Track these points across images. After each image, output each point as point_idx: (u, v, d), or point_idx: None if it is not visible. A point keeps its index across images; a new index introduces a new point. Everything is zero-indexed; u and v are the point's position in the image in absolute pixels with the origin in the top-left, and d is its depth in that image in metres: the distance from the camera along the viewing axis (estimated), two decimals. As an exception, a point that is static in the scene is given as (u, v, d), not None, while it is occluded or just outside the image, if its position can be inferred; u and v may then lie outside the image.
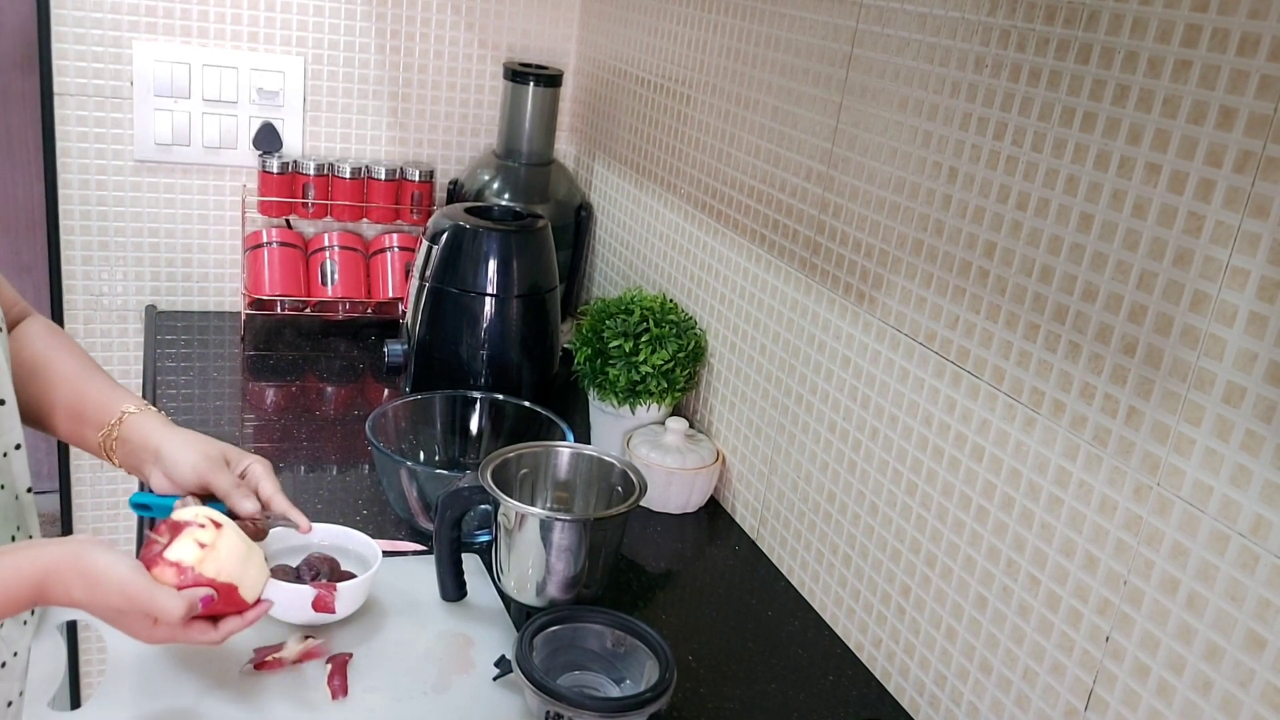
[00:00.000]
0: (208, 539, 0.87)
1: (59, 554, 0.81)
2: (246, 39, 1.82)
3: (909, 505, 1.11)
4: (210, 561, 0.87)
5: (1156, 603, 0.83)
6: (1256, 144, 0.75)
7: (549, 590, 1.09)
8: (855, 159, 1.19)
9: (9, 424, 0.93)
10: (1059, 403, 0.92)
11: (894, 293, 1.13)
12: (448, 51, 1.94)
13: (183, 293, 1.92)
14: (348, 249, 1.89)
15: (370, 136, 1.95)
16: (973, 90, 1.01)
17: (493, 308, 1.51)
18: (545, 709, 0.93)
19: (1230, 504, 0.77)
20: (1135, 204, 0.84)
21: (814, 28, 1.26)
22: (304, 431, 1.52)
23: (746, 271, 1.42)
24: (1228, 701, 0.77)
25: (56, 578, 0.81)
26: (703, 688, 1.10)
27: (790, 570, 1.32)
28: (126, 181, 1.83)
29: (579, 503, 1.20)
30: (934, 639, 1.07)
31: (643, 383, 1.44)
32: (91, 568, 0.81)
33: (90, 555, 0.82)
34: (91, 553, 0.82)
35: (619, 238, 1.85)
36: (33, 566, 0.80)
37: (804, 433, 1.29)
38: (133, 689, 0.96)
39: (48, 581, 0.81)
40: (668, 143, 1.64)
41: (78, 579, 0.81)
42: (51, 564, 0.81)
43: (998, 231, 0.98)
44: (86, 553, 0.82)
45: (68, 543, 0.83)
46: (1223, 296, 0.77)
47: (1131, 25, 0.84)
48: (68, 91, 1.76)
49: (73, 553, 0.81)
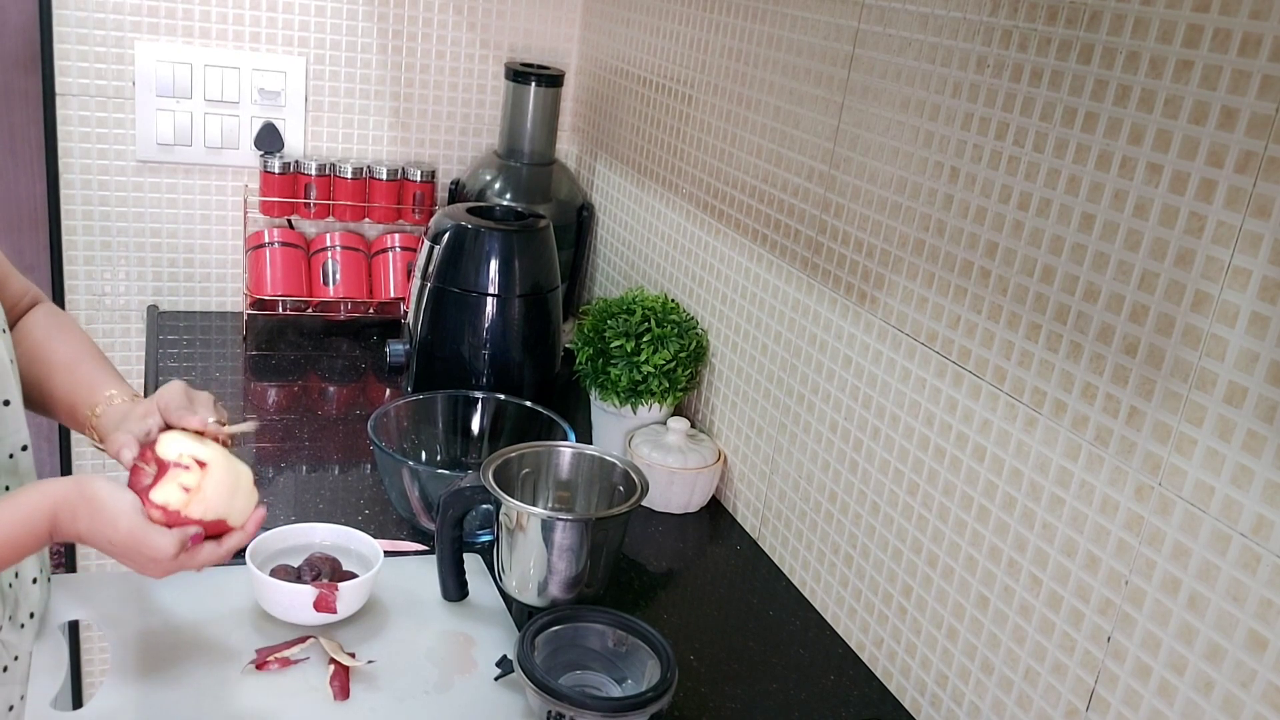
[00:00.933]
0: (191, 482, 0.87)
1: (65, 485, 0.86)
2: (248, 39, 1.82)
3: (910, 505, 1.11)
4: (196, 504, 0.88)
5: (1158, 603, 0.83)
6: (1258, 144, 0.75)
7: (550, 590, 1.09)
8: (857, 159, 1.19)
9: (14, 425, 0.93)
10: (1060, 403, 0.92)
11: (895, 293, 1.13)
12: (449, 52, 1.94)
13: (184, 293, 1.92)
14: (349, 249, 1.89)
15: (372, 136, 1.95)
16: (974, 90, 1.01)
17: (494, 308, 1.51)
18: (547, 709, 0.93)
19: (1232, 504, 0.77)
20: (1137, 204, 0.84)
21: (816, 28, 1.26)
22: (306, 431, 1.52)
23: (748, 271, 1.42)
24: (1229, 702, 0.77)
25: (66, 507, 0.85)
26: (704, 687, 1.10)
27: (791, 570, 1.32)
28: (128, 181, 1.83)
29: (580, 502, 1.20)
30: (935, 639, 1.07)
31: (644, 382, 1.44)
32: (95, 495, 0.85)
33: (94, 484, 0.86)
34: (95, 482, 0.86)
35: (620, 238, 1.85)
36: (43, 500, 0.84)
37: (805, 432, 1.29)
38: (134, 689, 0.96)
39: (58, 513, 0.84)
40: (669, 143, 1.65)
41: (83, 506, 0.85)
42: (60, 495, 0.85)
43: (999, 231, 0.98)
44: (90, 481, 0.86)
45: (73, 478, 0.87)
46: (1224, 297, 0.77)
47: (1133, 26, 0.84)
48: (70, 91, 1.76)
49: (78, 482, 0.86)
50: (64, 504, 0.84)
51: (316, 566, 1.08)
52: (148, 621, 1.04)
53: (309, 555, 1.11)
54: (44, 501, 0.84)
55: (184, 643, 1.02)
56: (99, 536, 0.85)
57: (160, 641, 1.02)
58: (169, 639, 1.02)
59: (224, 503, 0.89)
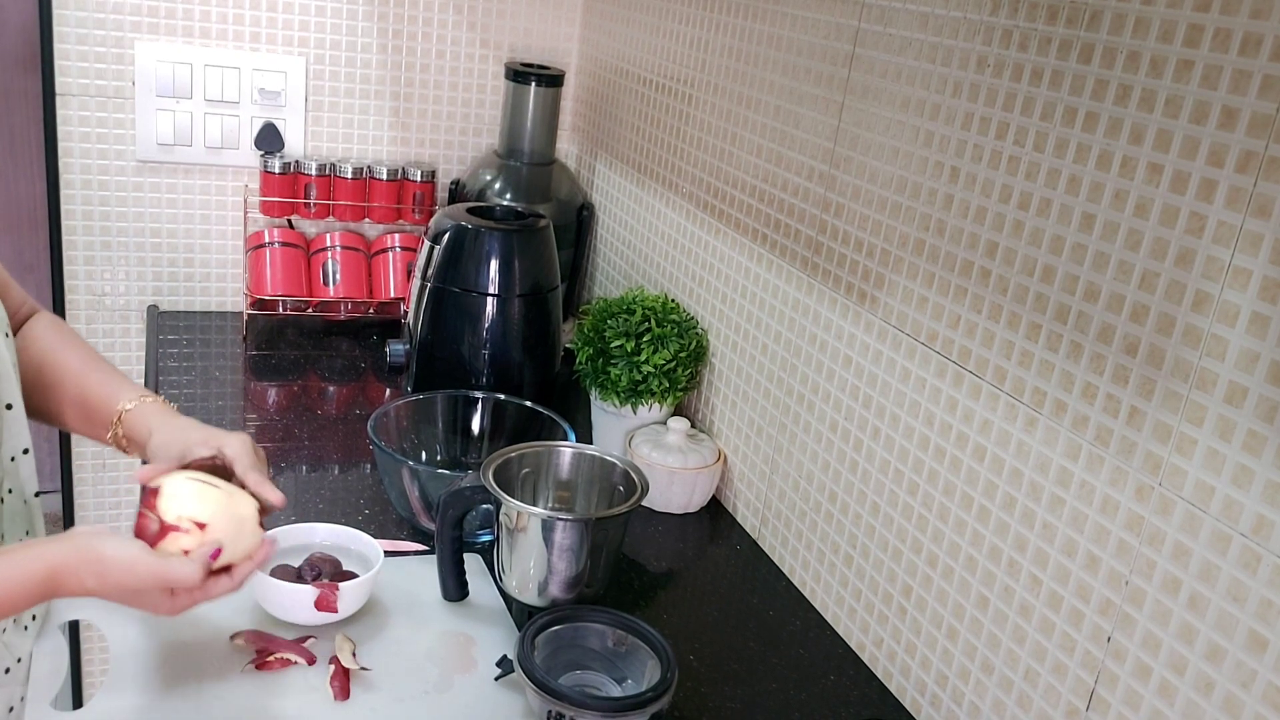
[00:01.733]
0: (191, 544, 0.87)
1: (64, 550, 0.83)
2: (248, 39, 1.82)
3: (910, 505, 1.11)
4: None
5: (1158, 603, 0.83)
6: (1259, 144, 0.75)
7: (551, 590, 1.09)
8: (857, 158, 1.19)
9: (16, 428, 0.93)
10: (1061, 403, 0.92)
11: (896, 292, 1.13)
12: (449, 51, 1.94)
13: (185, 293, 1.92)
14: (349, 249, 1.89)
15: (372, 136, 1.95)
16: (975, 90, 1.01)
17: (494, 307, 1.51)
18: (547, 709, 0.93)
19: (1232, 504, 0.77)
20: (1137, 204, 0.84)
21: (816, 27, 1.26)
22: (306, 431, 1.52)
23: (748, 271, 1.42)
24: (1230, 702, 0.77)
25: (67, 572, 0.82)
26: (704, 687, 1.10)
27: (791, 570, 1.32)
28: (129, 181, 1.83)
29: (580, 502, 1.20)
30: (935, 639, 1.07)
31: (644, 382, 1.44)
32: (98, 558, 0.83)
33: (96, 546, 0.83)
34: (96, 543, 0.83)
35: (621, 237, 1.85)
36: (38, 564, 0.81)
37: (805, 432, 1.29)
38: (134, 689, 0.96)
39: (58, 577, 0.82)
40: (670, 142, 1.64)
41: (88, 570, 0.83)
42: (58, 561, 0.82)
43: (1000, 231, 0.98)
44: (92, 545, 0.83)
45: (70, 537, 0.84)
46: (1225, 297, 0.77)
47: (1134, 25, 0.84)
48: (70, 91, 1.76)
49: (76, 547, 0.83)
50: (64, 569, 0.82)
51: (317, 566, 1.08)
52: (148, 621, 1.04)
53: (309, 555, 1.11)
54: (38, 565, 0.81)
55: (184, 643, 1.02)
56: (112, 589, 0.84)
57: (160, 641, 1.02)
58: (169, 639, 1.02)
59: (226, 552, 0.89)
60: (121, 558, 0.83)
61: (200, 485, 0.91)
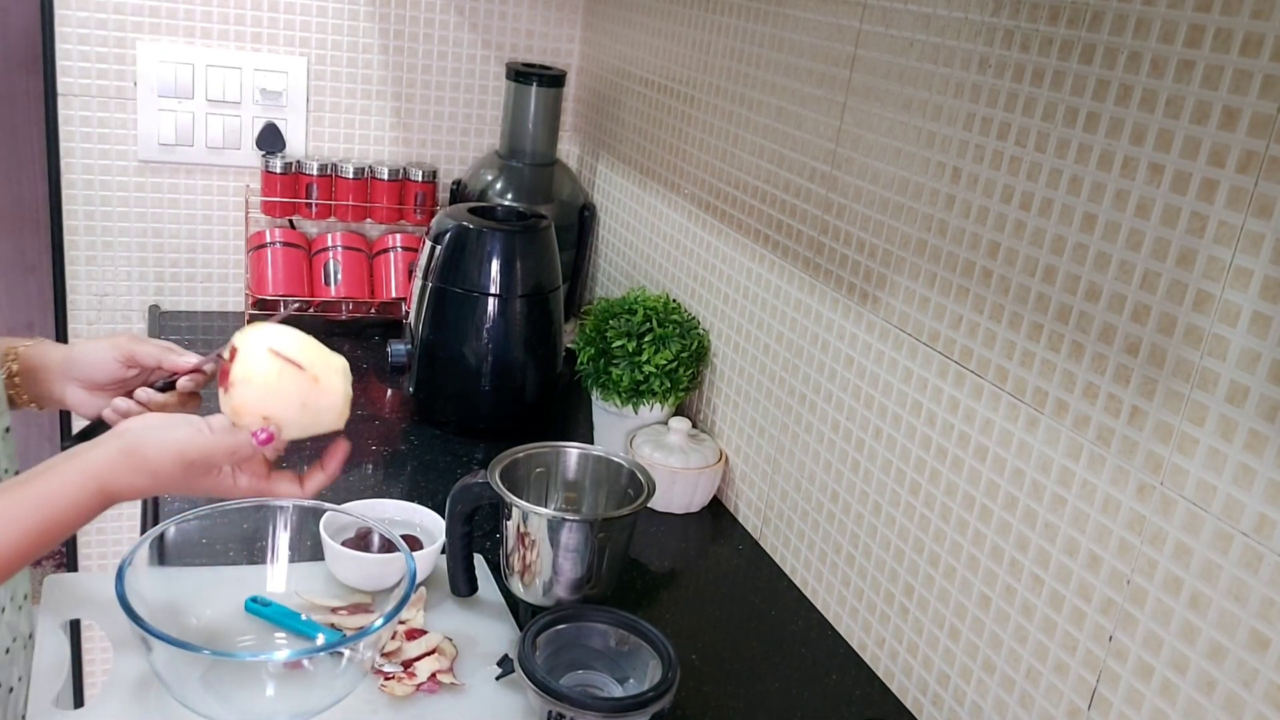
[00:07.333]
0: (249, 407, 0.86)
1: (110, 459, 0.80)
2: (250, 39, 1.83)
3: (912, 505, 1.11)
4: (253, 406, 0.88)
5: (1160, 602, 0.83)
6: (1259, 144, 0.75)
7: (556, 591, 1.09)
8: (859, 159, 1.19)
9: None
10: (1062, 402, 0.92)
11: (897, 293, 1.13)
12: (451, 52, 1.94)
13: (186, 293, 1.92)
14: (351, 249, 1.89)
15: (374, 137, 1.95)
16: (976, 91, 1.01)
17: (496, 308, 1.51)
18: (547, 709, 0.93)
19: (1234, 503, 0.77)
20: (1138, 204, 0.84)
21: (817, 28, 1.26)
22: (308, 431, 1.52)
23: (750, 271, 1.42)
24: (1231, 701, 0.77)
25: (117, 480, 0.80)
26: (706, 687, 1.10)
27: (793, 570, 1.32)
28: (130, 182, 1.84)
29: (588, 503, 1.20)
30: (937, 638, 1.08)
31: (646, 383, 1.44)
32: (143, 458, 0.81)
33: (139, 449, 0.81)
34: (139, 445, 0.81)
35: (622, 238, 1.85)
36: (87, 480, 0.79)
37: (807, 432, 1.29)
38: (135, 688, 0.96)
39: (109, 489, 0.80)
40: (671, 143, 1.65)
41: (138, 472, 0.81)
42: (105, 472, 0.80)
43: (1001, 232, 0.98)
44: (134, 448, 0.81)
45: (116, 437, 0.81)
46: (1226, 296, 0.78)
47: (1135, 26, 0.85)
48: (72, 92, 1.76)
49: (122, 450, 0.81)
50: (112, 479, 0.80)
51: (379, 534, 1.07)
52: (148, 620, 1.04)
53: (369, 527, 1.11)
54: (85, 481, 0.79)
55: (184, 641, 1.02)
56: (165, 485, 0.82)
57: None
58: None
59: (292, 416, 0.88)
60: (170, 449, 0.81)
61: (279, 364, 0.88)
